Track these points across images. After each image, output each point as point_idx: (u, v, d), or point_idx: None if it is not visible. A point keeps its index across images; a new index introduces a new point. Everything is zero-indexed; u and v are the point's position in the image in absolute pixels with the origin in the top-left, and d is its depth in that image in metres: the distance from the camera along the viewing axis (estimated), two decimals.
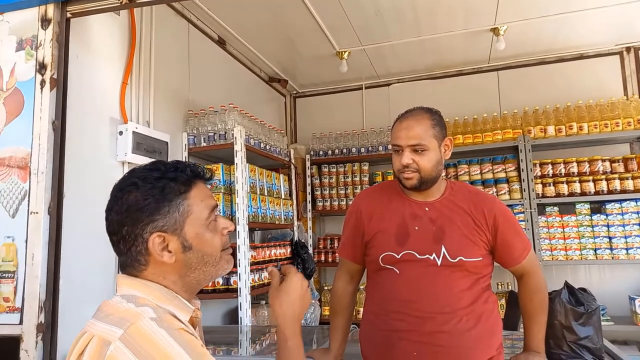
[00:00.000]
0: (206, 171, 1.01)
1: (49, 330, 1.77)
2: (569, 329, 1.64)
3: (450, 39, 3.59)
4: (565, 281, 1.75)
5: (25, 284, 1.78)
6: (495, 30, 3.45)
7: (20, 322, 1.76)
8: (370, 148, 4.04)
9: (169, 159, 1.46)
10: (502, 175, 3.67)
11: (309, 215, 4.14)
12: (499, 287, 3.55)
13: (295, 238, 3.58)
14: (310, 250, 3.97)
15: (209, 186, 1.03)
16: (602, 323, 1.74)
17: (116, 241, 0.93)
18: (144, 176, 0.93)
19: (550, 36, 3.62)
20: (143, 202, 0.90)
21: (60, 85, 1.94)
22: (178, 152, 2.84)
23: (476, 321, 1.45)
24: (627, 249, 3.33)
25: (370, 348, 1.56)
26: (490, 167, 3.71)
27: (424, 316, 1.45)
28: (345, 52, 3.75)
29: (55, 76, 1.92)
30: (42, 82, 1.92)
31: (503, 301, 3.28)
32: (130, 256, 0.93)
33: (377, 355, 1.53)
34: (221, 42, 3.46)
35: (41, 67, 1.93)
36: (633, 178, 3.37)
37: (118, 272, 0.98)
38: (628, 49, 3.78)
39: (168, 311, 0.90)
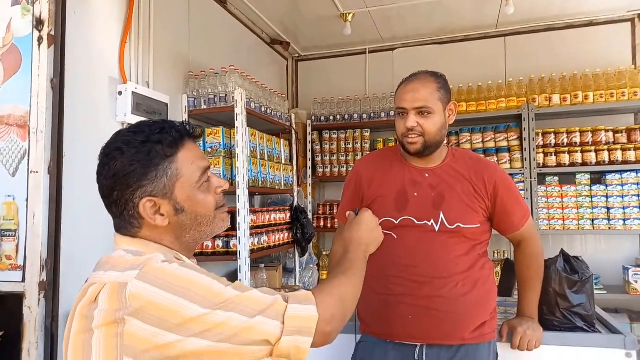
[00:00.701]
0: (196, 128, 0.98)
1: (50, 288, 1.80)
2: (562, 297, 1.67)
3: (458, 1, 3.49)
4: (562, 249, 1.76)
5: (27, 243, 1.80)
6: None
7: (23, 280, 1.79)
8: (372, 114, 3.97)
9: None
10: (504, 144, 3.64)
11: (309, 181, 4.13)
12: (495, 255, 3.59)
13: (295, 203, 3.59)
14: (310, 216, 3.99)
15: (200, 145, 1.02)
16: (596, 292, 1.77)
17: (108, 205, 0.93)
18: (127, 140, 0.90)
19: (560, 1, 3.52)
20: (129, 167, 0.88)
21: (59, 42, 1.89)
22: (178, 114, 2.81)
23: (472, 286, 1.47)
24: (624, 220, 3.34)
25: (366, 310, 1.59)
26: (493, 136, 3.67)
27: (422, 280, 1.47)
28: (349, 13, 3.65)
29: (52, 33, 1.87)
30: (40, 39, 1.87)
31: (498, 269, 3.32)
32: (123, 219, 0.93)
33: (373, 318, 1.56)
34: (222, 1, 3.37)
35: (38, 23, 1.88)
36: (635, 149, 3.34)
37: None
38: None
39: (175, 257, 0.91)
